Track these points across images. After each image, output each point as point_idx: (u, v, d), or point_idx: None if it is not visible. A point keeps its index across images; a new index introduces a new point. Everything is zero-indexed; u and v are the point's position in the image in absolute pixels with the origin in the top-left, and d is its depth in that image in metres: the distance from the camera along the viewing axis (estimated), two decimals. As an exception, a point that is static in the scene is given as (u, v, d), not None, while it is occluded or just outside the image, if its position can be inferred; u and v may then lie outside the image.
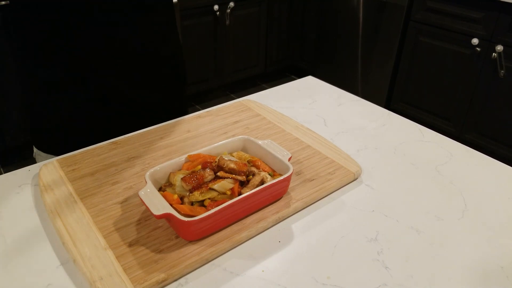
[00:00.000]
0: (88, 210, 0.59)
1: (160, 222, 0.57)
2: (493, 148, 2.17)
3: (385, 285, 0.50)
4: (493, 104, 2.11)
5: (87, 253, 0.52)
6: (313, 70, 3.02)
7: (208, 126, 0.81)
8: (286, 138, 0.77)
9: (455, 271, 0.53)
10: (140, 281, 0.48)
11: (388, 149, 0.77)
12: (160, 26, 0.86)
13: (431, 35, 2.26)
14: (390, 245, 0.56)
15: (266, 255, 0.54)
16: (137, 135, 0.77)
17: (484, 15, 2.03)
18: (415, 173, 0.71)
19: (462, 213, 0.62)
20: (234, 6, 2.60)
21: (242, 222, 0.57)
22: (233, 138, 0.67)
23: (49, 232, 0.57)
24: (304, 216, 0.61)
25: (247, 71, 2.96)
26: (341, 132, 0.82)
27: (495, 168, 0.73)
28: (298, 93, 0.97)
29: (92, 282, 0.48)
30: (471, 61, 2.13)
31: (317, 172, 0.68)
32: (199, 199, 0.55)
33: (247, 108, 0.88)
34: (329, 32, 2.80)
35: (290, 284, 0.50)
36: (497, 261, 0.54)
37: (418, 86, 2.41)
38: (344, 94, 0.97)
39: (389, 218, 0.61)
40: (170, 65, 0.91)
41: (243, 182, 0.59)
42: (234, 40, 2.76)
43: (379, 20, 2.47)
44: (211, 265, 0.52)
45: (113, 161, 0.70)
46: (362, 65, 2.68)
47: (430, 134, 0.82)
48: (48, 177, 0.65)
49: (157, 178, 0.59)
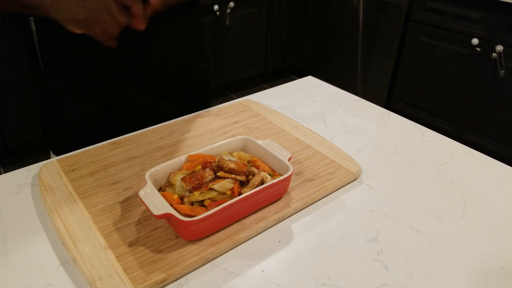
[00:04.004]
0: (88, 210, 0.59)
1: (160, 222, 0.57)
2: (493, 148, 2.17)
3: (385, 285, 0.50)
4: (493, 104, 2.11)
5: (87, 253, 0.52)
6: (313, 70, 3.02)
7: (208, 126, 0.81)
8: (286, 138, 0.77)
9: (455, 271, 0.53)
10: (140, 281, 0.48)
11: (388, 149, 0.77)
12: (185, 32, 0.86)
13: (431, 35, 2.26)
14: (390, 245, 0.56)
15: (266, 255, 0.54)
16: (137, 135, 0.77)
17: (484, 15, 2.03)
18: (415, 173, 0.71)
19: (462, 213, 0.62)
20: (234, 6, 2.60)
21: (242, 222, 0.57)
22: (233, 138, 0.67)
23: (49, 232, 0.57)
24: (304, 216, 0.61)
25: (247, 71, 2.96)
26: (341, 132, 0.82)
27: (495, 168, 0.73)
28: (298, 93, 0.97)
29: (92, 282, 0.48)
30: (471, 61, 2.13)
31: (317, 172, 0.68)
32: (199, 199, 0.55)
33: (247, 108, 0.88)
34: (329, 32, 2.80)
35: (290, 284, 0.50)
36: (497, 261, 0.54)
37: (418, 86, 2.41)
38: (344, 94, 0.97)
39: (389, 218, 0.61)
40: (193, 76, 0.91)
41: (243, 182, 0.59)
42: (234, 40, 2.75)
43: (379, 20, 2.47)
44: (211, 265, 0.52)
45: (113, 161, 0.70)
46: (362, 65, 2.68)
47: (430, 134, 0.82)
48: (48, 177, 0.65)
49: (157, 178, 0.59)
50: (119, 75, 0.81)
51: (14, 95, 2.00)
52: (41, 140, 2.17)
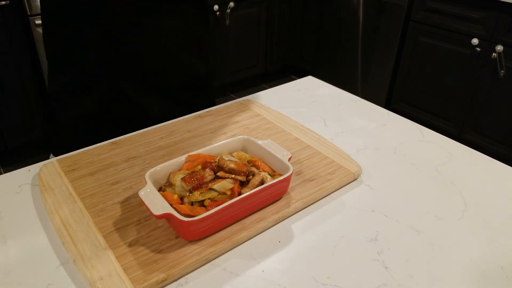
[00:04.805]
0: (88, 210, 0.59)
1: (160, 222, 0.57)
2: (493, 148, 2.17)
3: (385, 285, 0.50)
4: (493, 104, 2.11)
5: (87, 253, 0.52)
6: (313, 70, 3.02)
7: (208, 126, 0.81)
8: (286, 138, 0.77)
9: (455, 271, 0.53)
10: (140, 281, 0.48)
11: (388, 149, 0.77)
12: (186, 33, 0.86)
13: (431, 35, 2.26)
14: (390, 245, 0.56)
15: (266, 255, 0.54)
16: (137, 135, 0.77)
17: (484, 15, 2.03)
18: (415, 173, 0.71)
19: (462, 213, 0.62)
20: (234, 6, 2.60)
21: (242, 222, 0.57)
22: (233, 138, 0.67)
23: (49, 232, 0.57)
24: (304, 216, 0.61)
25: (247, 71, 2.96)
26: (341, 132, 0.82)
27: (495, 168, 0.73)
28: (298, 93, 0.97)
29: (92, 282, 0.48)
30: (471, 61, 2.13)
31: (317, 172, 0.68)
32: (199, 199, 0.55)
33: (247, 108, 0.88)
34: (329, 32, 2.80)
35: (290, 284, 0.50)
36: (497, 261, 0.54)
37: (418, 86, 2.41)
38: (344, 94, 0.97)
39: (389, 218, 0.61)
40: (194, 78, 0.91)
41: (243, 182, 0.59)
42: (234, 40, 2.75)
43: (379, 20, 2.47)
44: (211, 265, 0.52)
45: (113, 161, 0.70)
46: (362, 65, 2.68)
47: (430, 134, 0.82)
48: (48, 177, 0.65)
49: (157, 178, 0.59)
50: (119, 75, 0.81)
51: (14, 95, 2.00)
52: (41, 140, 2.17)
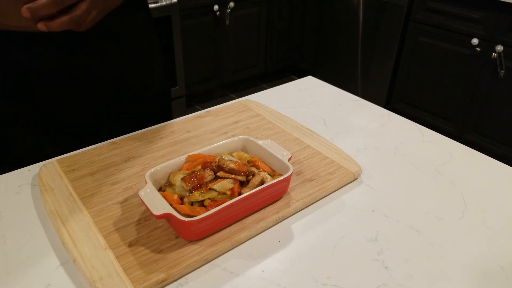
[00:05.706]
0: (88, 210, 0.59)
1: (160, 222, 0.57)
2: (493, 148, 2.17)
3: (385, 285, 0.50)
4: (493, 104, 2.11)
5: (87, 253, 0.52)
6: (313, 70, 3.02)
7: (208, 126, 0.81)
8: (286, 138, 0.77)
9: (455, 271, 0.53)
10: (140, 281, 0.48)
11: (388, 149, 0.77)
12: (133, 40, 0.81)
13: (431, 35, 2.26)
14: (390, 245, 0.56)
15: (266, 255, 0.54)
16: (137, 135, 0.77)
17: (484, 15, 2.03)
18: (415, 173, 0.71)
19: (462, 213, 0.62)
20: (234, 6, 2.60)
21: (242, 222, 0.57)
22: (233, 138, 0.67)
23: (49, 232, 0.57)
24: (304, 216, 0.61)
25: (247, 71, 2.96)
26: (341, 132, 0.82)
27: (495, 168, 0.73)
28: (298, 93, 0.97)
29: (92, 282, 0.48)
30: (471, 61, 2.13)
31: (317, 172, 0.68)
32: (199, 199, 0.55)
33: (247, 108, 0.88)
34: (329, 32, 2.80)
35: (290, 284, 0.50)
36: (497, 261, 0.54)
37: (418, 86, 2.41)
38: (344, 94, 0.97)
39: (389, 218, 0.61)
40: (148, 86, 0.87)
41: (243, 182, 0.59)
42: (234, 40, 2.76)
43: (379, 20, 2.47)
44: (211, 265, 0.52)
45: (113, 161, 0.70)
46: (362, 65, 2.68)
47: (430, 134, 0.82)
48: (48, 177, 0.65)
49: (157, 178, 0.59)
50: (73, 83, 0.76)
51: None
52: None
